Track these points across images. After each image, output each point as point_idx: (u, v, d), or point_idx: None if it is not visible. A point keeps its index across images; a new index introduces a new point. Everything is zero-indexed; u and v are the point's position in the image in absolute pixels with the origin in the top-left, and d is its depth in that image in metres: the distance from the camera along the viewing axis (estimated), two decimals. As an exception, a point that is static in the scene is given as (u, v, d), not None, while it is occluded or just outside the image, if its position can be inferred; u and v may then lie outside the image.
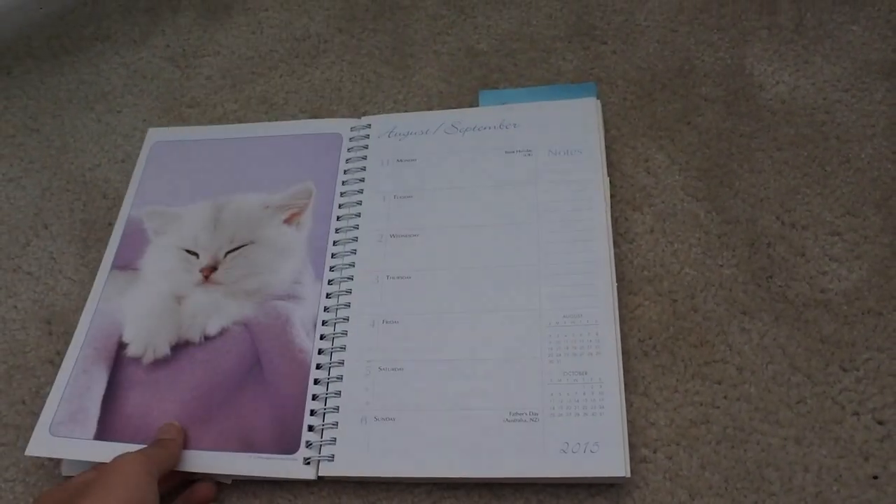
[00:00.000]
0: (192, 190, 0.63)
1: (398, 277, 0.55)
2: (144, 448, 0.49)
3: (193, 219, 0.61)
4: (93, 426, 0.53)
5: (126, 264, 0.60)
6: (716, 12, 0.67)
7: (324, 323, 0.55)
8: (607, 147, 0.59)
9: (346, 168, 0.62)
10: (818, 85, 0.62)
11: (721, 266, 0.55)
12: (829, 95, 0.61)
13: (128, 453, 0.46)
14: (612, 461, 0.47)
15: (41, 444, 0.52)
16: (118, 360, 0.55)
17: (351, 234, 0.58)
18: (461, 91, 0.67)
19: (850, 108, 0.60)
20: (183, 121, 0.70)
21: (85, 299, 0.61)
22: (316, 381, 0.53)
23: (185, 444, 0.51)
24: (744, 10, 0.67)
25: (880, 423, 0.48)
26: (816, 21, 0.65)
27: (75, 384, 0.55)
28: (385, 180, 0.60)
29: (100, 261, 0.63)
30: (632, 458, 0.48)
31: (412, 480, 0.50)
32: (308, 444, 0.50)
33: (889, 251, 0.54)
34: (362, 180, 0.60)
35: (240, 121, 0.69)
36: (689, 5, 0.68)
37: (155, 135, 0.68)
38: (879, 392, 0.49)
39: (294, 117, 0.68)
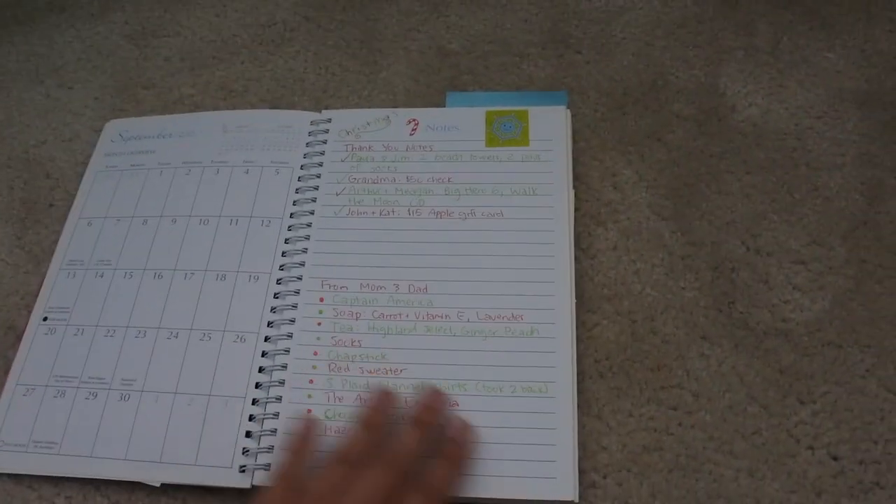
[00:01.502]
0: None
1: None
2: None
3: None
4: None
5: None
6: (693, 29, 0.66)
7: (267, 339, 0.52)
8: (574, 159, 0.58)
9: (303, 163, 0.59)
10: (791, 110, 0.61)
11: (683, 289, 0.53)
12: (801, 121, 0.60)
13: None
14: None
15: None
16: None
17: (302, 233, 0.56)
18: (428, 91, 0.64)
19: (821, 135, 0.59)
20: (137, 102, 0.67)
21: (18, 283, 0.58)
22: (257, 385, 0.50)
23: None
24: (721, 29, 0.66)
25: (835, 458, 0.47)
26: (793, 45, 0.64)
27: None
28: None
29: (38, 244, 0.60)
30: (581, 483, 0.46)
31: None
32: (245, 452, 0.48)
33: (853, 283, 0.53)
34: (318, 176, 0.58)
35: (196, 106, 0.66)
36: (667, 20, 0.67)
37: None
38: (836, 427, 0.48)
39: (253, 106, 0.65)
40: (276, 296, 0.53)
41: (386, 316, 0.51)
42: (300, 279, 0.53)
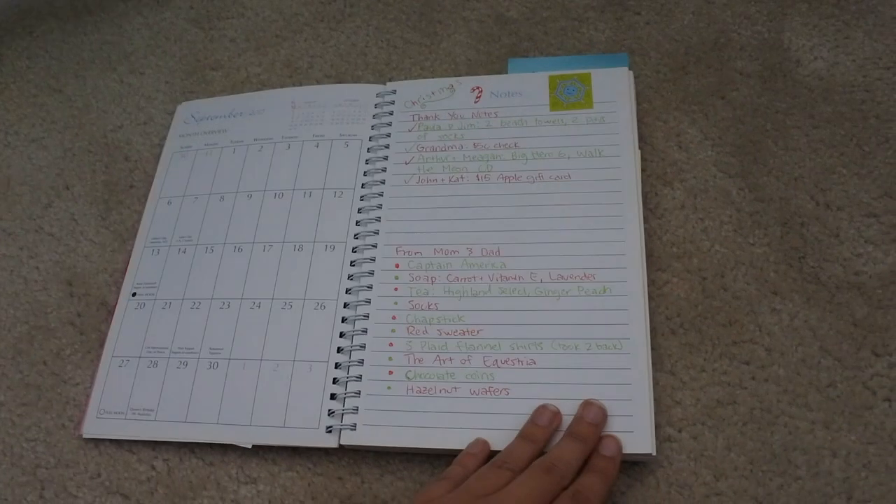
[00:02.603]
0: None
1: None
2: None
3: None
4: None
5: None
6: (754, -16, 0.65)
7: (347, 291, 0.54)
8: (638, 120, 0.58)
9: (370, 135, 0.60)
10: (858, 62, 0.60)
11: (752, 245, 0.54)
12: (869, 73, 0.59)
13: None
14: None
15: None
16: None
17: (375, 202, 0.57)
18: (489, 59, 0.65)
19: (891, 86, 0.58)
20: (206, 83, 0.69)
21: (105, 261, 0.61)
22: (339, 350, 0.52)
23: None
24: (783, -17, 0.65)
25: (912, 409, 0.47)
26: (858, -5, 0.63)
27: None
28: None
29: (121, 223, 0.63)
30: (657, 437, 0.47)
31: (433, 451, 0.49)
32: (331, 413, 0.50)
33: (927, 234, 0.52)
34: (387, 147, 0.59)
35: (263, 84, 0.68)
36: (727, -24, 0.66)
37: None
38: (912, 377, 0.48)
39: (318, 81, 0.67)
40: (352, 264, 0.55)
41: (461, 279, 0.53)
42: (375, 247, 0.55)
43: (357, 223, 0.57)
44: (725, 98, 0.60)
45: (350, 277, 0.55)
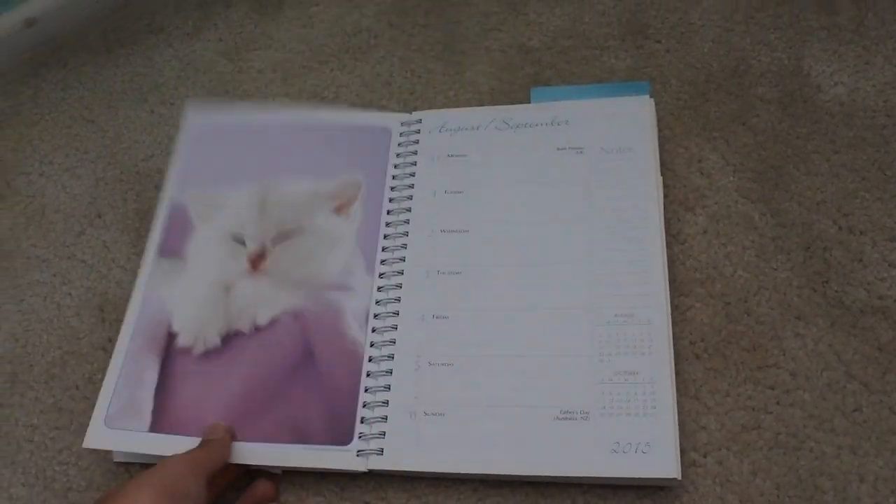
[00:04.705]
0: (236, 173, 0.63)
1: (448, 273, 0.55)
2: (190, 450, 0.49)
3: (239, 204, 0.61)
4: (147, 418, 0.53)
5: (171, 252, 0.60)
6: (772, 11, 0.66)
7: (375, 316, 0.55)
8: (660, 147, 0.59)
9: (396, 162, 0.62)
10: (878, 87, 0.60)
11: (775, 269, 0.54)
12: (889, 98, 0.60)
13: (173, 455, 0.47)
14: (663, 462, 0.46)
15: (98, 437, 0.53)
16: (168, 350, 0.56)
17: (401, 229, 0.58)
18: (512, 88, 0.66)
19: (911, 111, 0.59)
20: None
21: (137, 288, 0.62)
22: (368, 374, 0.53)
23: (238, 436, 0.51)
24: (802, 10, 0.65)
25: (940, 433, 0.47)
26: (878, 21, 0.63)
27: (128, 375, 0.55)
28: (436, 175, 0.60)
29: (151, 249, 0.64)
30: (681, 462, 0.47)
31: (459, 476, 0.50)
32: (360, 436, 0.51)
33: (951, 258, 0.52)
34: (412, 175, 0.60)
35: (290, 114, 0.69)
36: (745, 4, 0.67)
37: (196, 114, 0.67)
38: (939, 402, 0.48)
39: (344, 112, 0.68)
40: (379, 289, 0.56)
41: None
42: (398, 300, 0.56)
43: (384, 248, 0.58)
44: (746, 124, 0.60)
45: (378, 303, 0.55)
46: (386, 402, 0.51)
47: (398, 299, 0.55)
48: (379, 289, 0.56)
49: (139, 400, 0.54)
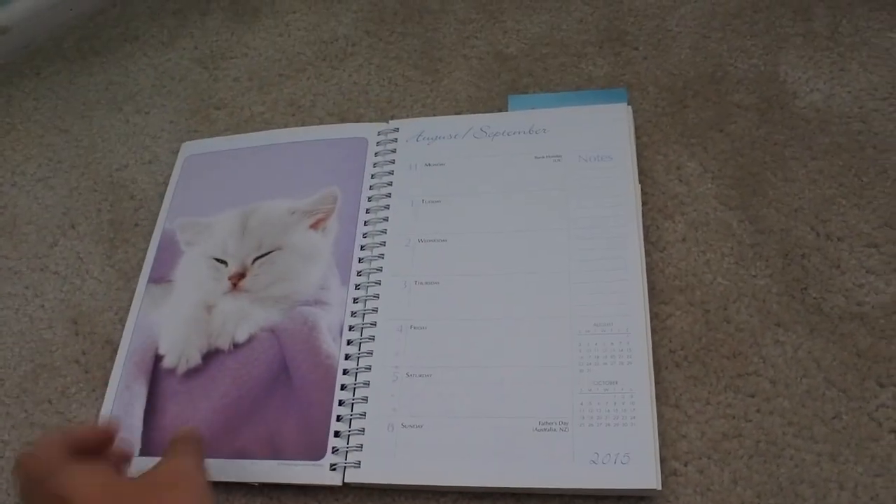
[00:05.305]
0: (221, 199, 0.63)
1: (426, 283, 0.55)
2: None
3: (222, 227, 0.61)
4: (137, 442, 0.53)
5: (161, 277, 0.60)
6: (749, 18, 0.66)
7: (350, 328, 0.54)
8: (638, 154, 0.59)
9: (373, 172, 0.61)
10: (854, 93, 0.60)
11: (754, 277, 0.54)
12: (865, 104, 0.60)
13: (184, 460, 0.45)
14: (643, 473, 0.46)
15: None
16: (155, 372, 0.56)
17: (378, 239, 0.57)
18: (490, 96, 0.66)
19: (887, 117, 0.59)
20: (210, 123, 0.70)
21: (111, 299, 0.61)
22: (343, 387, 0.52)
23: (216, 452, 0.51)
24: (778, 17, 0.66)
25: (919, 440, 0.47)
26: (853, 28, 0.64)
27: (120, 401, 0.55)
28: (413, 185, 0.60)
29: (126, 262, 0.63)
30: (662, 471, 0.47)
31: (438, 489, 0.49)
32: (334, 451, 0.50)
33: (928, 264, 0.52)
34: (390, 184, 0.60)
35: (267, 123, 0.69)
36: (722, 11, 0.67)
37: (189, 148, 0.67)
38: (918, 408, 0.48)
39: (321, 120, 0.68)
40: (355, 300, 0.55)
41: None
42: (375, 311, 0.55)
43: (360, 260, 0.57)
44: (724, 131, 0.60)
45: (353, 314, 0.55)
46: (363, 415, 0.51)
47: (375, 310, 0.55)
48: (355, 300, 0.55)
49: (130, 426, 0.54)
